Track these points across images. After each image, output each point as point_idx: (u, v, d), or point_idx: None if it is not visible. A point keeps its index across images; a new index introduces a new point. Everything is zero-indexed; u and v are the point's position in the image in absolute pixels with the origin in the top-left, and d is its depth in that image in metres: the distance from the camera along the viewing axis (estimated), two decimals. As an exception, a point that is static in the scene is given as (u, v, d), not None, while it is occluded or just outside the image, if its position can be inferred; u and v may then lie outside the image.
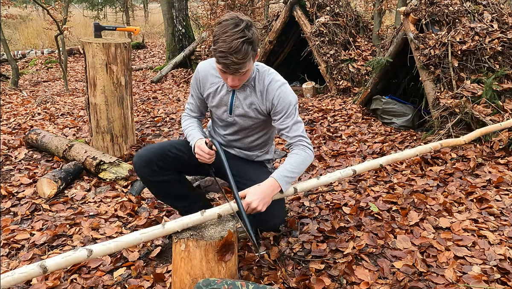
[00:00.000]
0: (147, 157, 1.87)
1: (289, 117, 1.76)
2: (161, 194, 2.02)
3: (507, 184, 2.73)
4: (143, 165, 1.88)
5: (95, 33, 3.45)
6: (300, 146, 1.77)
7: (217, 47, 1.51)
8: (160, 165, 1.88)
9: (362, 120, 4.41)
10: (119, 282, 1.93)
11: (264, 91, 1.76)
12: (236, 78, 1.62)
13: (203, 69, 1.85)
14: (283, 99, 1.73)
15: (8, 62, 8.18)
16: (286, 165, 1.70)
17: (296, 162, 1.71)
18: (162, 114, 4.98)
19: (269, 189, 1.63)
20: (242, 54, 1.50)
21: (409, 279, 1.85)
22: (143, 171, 1.89)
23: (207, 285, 1.40)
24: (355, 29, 5.99)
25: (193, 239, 1.56)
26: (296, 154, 1.75)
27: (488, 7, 3.81)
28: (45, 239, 2.30)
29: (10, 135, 4.19)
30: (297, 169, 1.71)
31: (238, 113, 1.83)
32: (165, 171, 1.91)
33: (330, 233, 2.24)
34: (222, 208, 1.62)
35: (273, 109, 1.77)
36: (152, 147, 1.93)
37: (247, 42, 1.50)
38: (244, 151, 2.01)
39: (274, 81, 1.75)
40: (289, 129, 1.76)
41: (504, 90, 3.35)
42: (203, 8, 10.22)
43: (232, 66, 1.53)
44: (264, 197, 1.59)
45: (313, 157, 1.80)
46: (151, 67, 8.98)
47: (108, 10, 19.13)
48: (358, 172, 1.94)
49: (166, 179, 1.92)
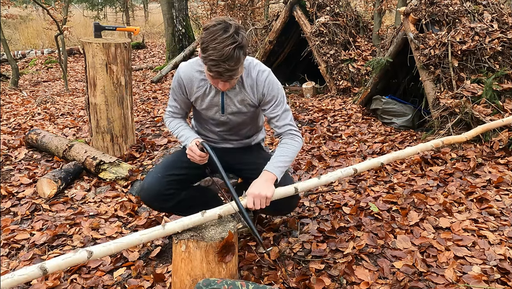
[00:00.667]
0: (155, 190, 1.84)
1: (279, 106, 1.79)
2: (184, 211, 1.94)
3: (507, 184, 2.73)
4: (151, 200, 1.87)
5: (95, 33, 3.45)
6: (289, 134, 1.81)
7: (208, 55, 1.46)
8: (170, 192, 1.87)
9: (362, 120, 4.41)
10: (119, 282, 1.93)
11: (254, 84, 1.76)
12: (228, 83, 1.59)
13: (186, 74, 1.79)
14: (272, 88, 1.76)
15: (8, 62, 8.18)
16: (278, 156, 1.75)
17: (288, 151, 1.77)
18: (162, 114, 4.98)
19: (266, 183, 1.65)
20: (234, 60, 1.46)
21: (409, 279, 1.85)
22: (154, 205, 1.91)
23: (207, 285, 1.40)
24: (355, 29, 5.99)
25: (193, 240, 1.56)
26: (286, 143, 1.79)
27: (488, 7, 3.81)
28: (45, 239, 2.30)
29: (10, 135, 4.19)
30: (289, 158, 1.76)
31: (230, 112, 1.83)
32: (177, 193, 1.90)
33: (330, 233, 2.24)
34: (223, 208, 1.62)
35: (263, 100, 1.79)
36: (155, 176, 1.87)
37: (238, 48, 1.46)
38: (241, 140, 2.01)
39: (261, 72, 1.76)
40: (278, 118, 1.79)
41: (504, 90, 3.35)
42: (203, 8, 10.23)
43: (225, 74, 1.49)
44: (260, 192, 1.61)
45: (302, 143, 1.86)
46: (151, 67, 8.98)
47: (108, 10, 19.12)
48: (359, 170, 1.94)
49: (180, 198, 1.92)
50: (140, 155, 3.55)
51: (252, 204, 1.59)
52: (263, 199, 1.60)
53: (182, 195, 1.92)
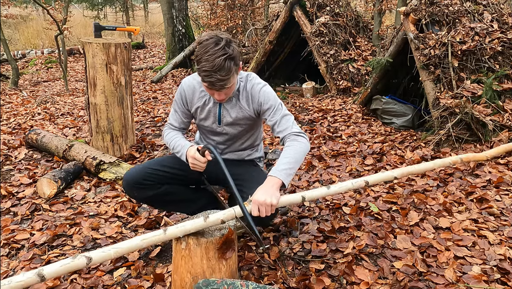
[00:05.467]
0: (133, 179, 1.90)
1: (277, 112, 1.83)
2: (160, 206, 2.08)
3: (507, 184, 2.73)
4: (130, 188, 1.92)
5: (95, 33, 3.45)
6: (292, 136, 1.80)
7: (201, 66, 1.57)
8: (148, 182, 1.91)
9: (362, 120, 4.41)
10: (119, 282, 1.93)
11: (249, 96, 1.84)
12: (222, 93, 1.69)
13: (188, 86, 1.90)
14: (268, 97, 1.83)
15: (8, 62, 8.18)
16: (281, 159, 1.72)
17: (290, 153, 1.72)
18: (162, 114, 4.98)
19: (271, 189, 1.58)
20: (225, 71, 1.56)
21: (409, 279, 1.85)
22: (133, 194, 1.95)
23: (207, 285, 1.40)
24: (355, 29, 5.99)
25: (193, 237, 1.56)
26: (288, 146, 1.77)
27: (488, 7, 3.81)
28: (45, 239, 2.30)
29: (10, 135, 4.19)
30: (293, 159, 1.70)
31: (226, 122, 1.91)
32: (155, 185, 1.93)
33: (330, 233, 2.24)
34: (226, 214, 1.57)
35: (261, 109, 1.85)
36: (137, 167, 1.97)
37: (229, 59, 1.56)
38: (234, 152, 2.06)
39: (256, 84, 1.84)
40: (279, 123, 1.82)
41: (504, 90, 3.35)
42: (203, 8, 10.22)
43: (217, 83, 1.59)
44: (265, 200, 1.54)
45: (308, 143, 1.82)
46: (151, 67, 8.98)
47: (108, 10, 19.12)
48: (371, 183, 1.82)
49: (158, 192, 1.95)
50: (140, 155, 3.55)
51: (257, 212, 1.54)
52: (268, 206, 1.53)
53: (162, 188, 1.95)
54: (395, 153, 3.45)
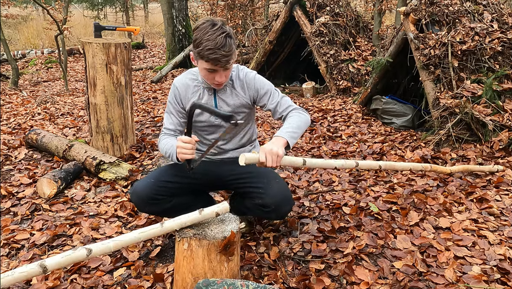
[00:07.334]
0: (147, 195, 1.88)
1: (275, 94, 1.91)
2: (168, 216, 2.01)
3: (507, 184, 2.73)
4: (141, 203, 1.91)
5: (95, 33, 3.45)
6: (294, 111, 1.88)
7: (203, 46, 1.61)
8: (161, 197, 1.90)
9: (362, 120, 4.41)
10: (119, 282, 1.93)
11: (244, 83, 1.89)
12: (223, 74, 1.72)
13: (181, 84, 1.91)
14: (263, 82, 1.91)
15: (8, 62, 8.18)
16: (285, 124, 1.80)
17: (293, 120, 1.82)
18: (162, 114, 4.98)
19: (277, 143, 1.68)
20: (228, 46, 1.63)
21: (409, 279, 1.85)
22: (144, 208, 1.95)
23: (207, 285, 1.40)
24: (355, 29, 5.99)
25: (195, 238, 1.57)
26: (291, 116, 1.86)
27: (488, 7, 3.81)
28: (45, 239, 2.30)
29: (10, 135, 4.19)
30: (296, 125, 1.79)
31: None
32: (168, 198, 1.93)
33: (330, 233, 2.24)
34: (220, 207, 1.63)
35: (258, 95, 1.91)
36: (147, 181, 1.92)
37: (229, 36, 1.64)
38: (236, 149, 2.04)
39: (249, 72, 1.91)
40: (279, 104, 1.89)
41: (504, 90, 3.35)
42: (203, 8, 10.23)
43: (223, 59, 1.63)
44: (272, 149, 1.63)
45: (309, 119, 1.92)
46: (151, 67, 8.98)
47: (108, 10, 19.12)
48: (360, 166, 2.14)
49: (171, 204, 1.95)
50: (140, 155, 3.55)
51: (264, 158, 1.62)
52: (275, 156, 1.62)
53: (174, 200, 1.95)
54: (395, 153, 3.45)
